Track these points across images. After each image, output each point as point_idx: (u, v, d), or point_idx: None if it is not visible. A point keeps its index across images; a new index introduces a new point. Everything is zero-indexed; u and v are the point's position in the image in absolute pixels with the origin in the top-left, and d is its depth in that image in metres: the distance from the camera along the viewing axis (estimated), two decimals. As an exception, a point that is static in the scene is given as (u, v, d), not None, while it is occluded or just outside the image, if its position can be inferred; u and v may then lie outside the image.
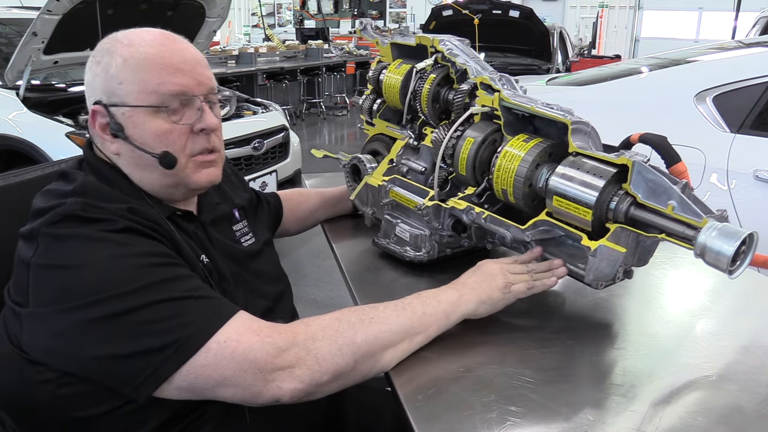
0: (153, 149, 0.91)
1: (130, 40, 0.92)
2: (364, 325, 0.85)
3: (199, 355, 0.77)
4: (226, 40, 11.95)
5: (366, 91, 1.38)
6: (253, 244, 1.13)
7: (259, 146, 3.70)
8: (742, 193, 2.23)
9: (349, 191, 1.35)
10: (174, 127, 0.92)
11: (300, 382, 0.79)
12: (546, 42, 7.46)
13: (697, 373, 0.88)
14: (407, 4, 17.02)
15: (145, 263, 0.81)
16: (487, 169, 1.08)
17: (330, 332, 0.83)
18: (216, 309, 0.82)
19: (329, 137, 8.37)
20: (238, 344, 0.78)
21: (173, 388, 0.78)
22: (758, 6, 8.25)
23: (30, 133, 3.26)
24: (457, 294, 0.95)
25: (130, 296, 0.77)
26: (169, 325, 0.78)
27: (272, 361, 0.78)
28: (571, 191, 0.93)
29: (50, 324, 0.79)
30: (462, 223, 1.11)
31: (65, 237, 0.81)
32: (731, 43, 3.58)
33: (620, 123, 1.20)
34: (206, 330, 0.78)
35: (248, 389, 0.79)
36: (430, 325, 0.91)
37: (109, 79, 0.91)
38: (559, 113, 0.99)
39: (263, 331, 0.81)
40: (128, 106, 0.91)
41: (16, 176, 1.14)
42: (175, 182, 0.95)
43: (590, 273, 0.93)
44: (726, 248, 0.79)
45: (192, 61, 0.94)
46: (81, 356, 0.79)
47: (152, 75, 0.90)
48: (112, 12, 3.29)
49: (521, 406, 0.78)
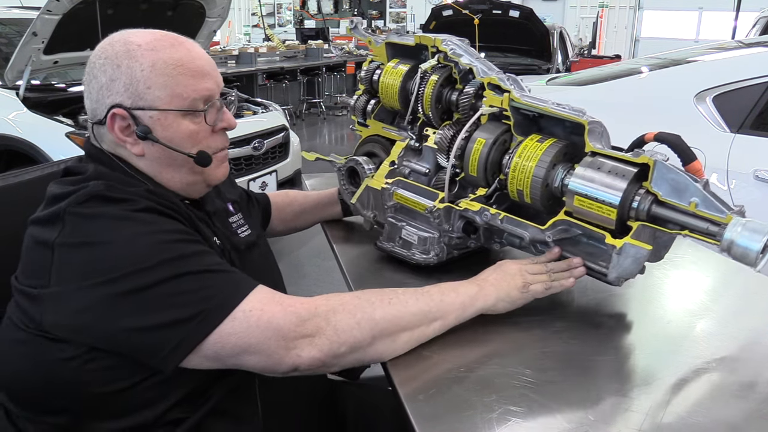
0: (184, 149, 0.96)
1: (151, 45, 0.94)
2: (383, 304, 0.88)
3: (225, 323, 0.81)
4: (226, 40, 11.94)
5: (358, 92, 1.36)
6: (249, 235, 1.14)
7: (259, 146, 3.70)
8: (742, 193, 2.23)
9: (345, 194, 1.32)
10: (201, 127, 0.97)
11: (319, 351, 0.82)
12: (546, 42, 7.46)
13: (697, 373, 0.88)
14: (407, 4, 17.03)
15: (168, 239, 0.85)
16: (498, 169, 1.08)
17: (350, 307, 0.86)
18: (238, 281, 0.85)
19: (329, 137, 8.37)
20: (262, 313, 0.82)
21: (200, 356, 0.81)
22: (758, 6, 8.24)
23: (30, 133, 3.26)
24: (476, 288, 0.96)
25: (154, 270, 0.81)
26: (195, 297, 0.81)
27: (294, 330, 0.82)
28: (594, 191, 0.94)
29: (78, 299, 0.82)
30: (472, 224, 1.11)
31: (92, 216, 0.84)
32: (731, 43, 3.58)
33: (620, 123, 1.20)
34: (231, 300, 0.82)
35: (271, 356, 0.82)
36: (448, 313, 0.93)
37: (135, 83, 0.92)
38: (574, 113, 1.00)
39: (285, 301, 0.85)
40: (158, 110, 0.93)
41: (16, 176, 1.14)
42: (201, 179, 1.00)
43: (614, 271, 0.94)
44: (754, 244, 0.83)
45: (212, 64, 0.99)
46: (109, 330, 0.81)
47: (183, 80, 0.94)
48: (112, 12, 3.29)
49: (522, 405, 0.78)
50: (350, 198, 1.29)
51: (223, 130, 1.01)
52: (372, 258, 1.25)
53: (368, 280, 1.18)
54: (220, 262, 0.88)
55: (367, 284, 1.16)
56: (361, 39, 1.37)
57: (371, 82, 1.30)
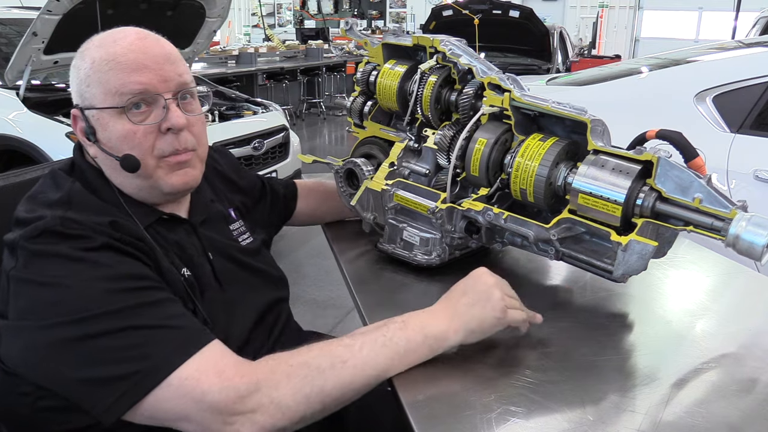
0: (119, 151, 0.90)
1: (101, 42, 0.91)
2: (335, 371, 0.80)
3: (161, 388, 0.76)
4: (226, 40, 11.94)
5: (354, 93, 1.34)
6: (251, 243, 1.12)
7: (259, 146, 3.70)
8: (742, 193, 2.23)
9: (343, 197, 1.31)
10: (138, 128, 0.90)
11: (261, 428, 0.77)
12: (546, 42, 7.46)
13: (697, 373, 0.88)
14: (407, 4, 17.02)
15: (119, 287, 0.80)
16: (500, 169, 1.08)
17: (296, 380, 0.78)
18: (184, 341, 0.80)
19: (329, 137, 8.37)
20: (198, 383, 0.76)
21: (138, 415, 0.78)
22: (758, 6, 8.24)
23: (30, 133, 3.26)
24: (445, 325, 0.87)
25: (98, 320, 0.77)
26: (133, 354, 0.77)
27: (232, 407, 0.76)
28: (599, 189, 0.94)
29: (22, 337, 0.80)
30: (475, 224, 1.11)
31: (42, 253, 0.81)
32: (731, 43, 3.58)
33: (620, 123, 1.20)
34: (169, 364, 0.77)
35: (208, 429, 0.77)
36: (410, 363, 0.84)
37: (80, 82, 0.91)
38: (576, 112, 1.00)
39: (225, 372, 0.78)
40: (95, 109, 0.90)
41: (16, 176, 1.14)
42: (149, 185, 0.93)
43: (620, 268, 0.94)
44: (759, 238, 0.83)
45: (157, 58, 0.91)
46: (51, 373, 0.79)
47: (114, 75, 0.88)
48: (112, 12, 3.29)
49: (521, 406, 0.78)
50: (349, 200, 1.28)
51: (169, 131, 0.91)
52: (372, 258, 1.24)
53: (368, 279, 1.18)
54: (173, 313, 0.83)
55: (366, 284, 1.16)
56: (357, 40, 1.36)
57: (368, 83, 1.29)
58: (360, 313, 1.05)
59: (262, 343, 1.05)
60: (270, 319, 1.09)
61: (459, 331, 0.87)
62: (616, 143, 0.99)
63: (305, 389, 0.78)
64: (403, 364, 0.84)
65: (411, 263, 1.17)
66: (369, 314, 1.02)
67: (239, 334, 0.99)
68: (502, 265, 1.23)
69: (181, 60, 0.96)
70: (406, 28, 15.42)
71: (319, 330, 1.29)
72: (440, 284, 1.13)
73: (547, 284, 1.19)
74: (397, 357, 0.83)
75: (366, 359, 0.82)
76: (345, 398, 0.82)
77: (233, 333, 0.97)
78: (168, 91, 0.91)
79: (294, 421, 0.79)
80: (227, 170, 1.22)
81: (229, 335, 0.92)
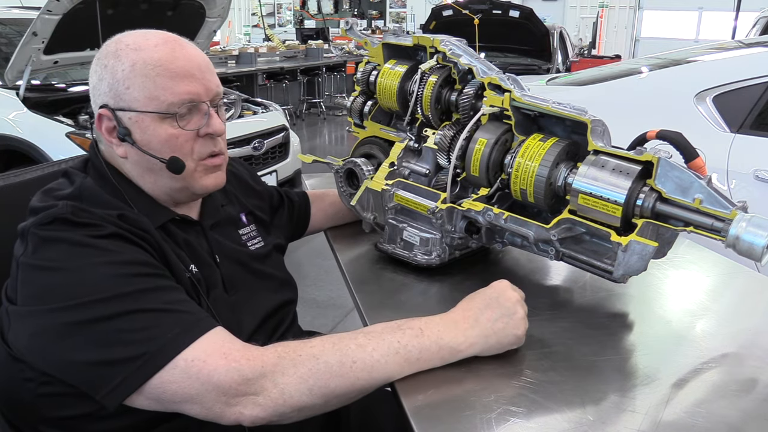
0: (160, 154, 0.93)
1: (137, 44, 0.92)
2: (343, 370, 0.79)
3: (166, 370, 0.77)
4: (226, 40, 11.94)
5: (354, 93, 1.34)
6: (261, 248, 1.13)
7: (259, 146, 3.70)
8: (742, 193, 2.23)
9: (343, 197, 1.31)
10: (181, 132, 0.93)
11: (263, 411, 0.78)
12: (546, 42, 7.46)
13: (697, 373, 0.88)
14: (407, 4, 17.02)
15: (126, 272, 0.81)
16: (500, 169, 1.08)
17: (302, 370, 0.78)
18: (190, 325, 0.81)
19: (329, 137, 8.37)
20: (204, 365, 0.77)
21: (142, 398, 0.78)
22: (758, 6, 8.25)
23: (30, 133, 3.27)
24: (462, 337, 0.85)
25: (106, 304, 0.78)
26: (140, 337, 0.78)
27: (236, 388, 0.77)
28: (599, 189, 0.94)
29: (30, 323, 0.81)
30: (475, 224, 1.11)
31: (52, 239, 0.82)
32: (731, 43, 3.58)
33: (620, 123, 1.20)
34: (176, 346, 0.78)
35: (211, 410, 0.78)
36: (419, 369, 0.84)
37: (116, 83, 0.91)
38: (576, 112, 1.00)
39: (232, 354, 0.79)
40: (135, 111, 0.91)
41: (16, 176, 1.14)
42: (183, 186, 0.97)
43: (620, 268, 0.94)
44: (759, 239, 0.83)
45: (201, 67, 0.94)
46: (56, 358, 0.80)
47: (160, 82, 0.90)
48: (112, 12, 3.29)
49: (521, 406, 0.78)
50: (349, 200, 1.28)
51: (209, 136, 0.96)
52: (372, 258, 1.24)
53: (368, 280, 1.18)
54: (178, 299, 0.84)
55: (367, 284, 1.16)
56: (357, 40, 1.36)
57: (368, 83, 1.29)
58: (360, 313, 1.05)
59: (263, 344, 1.04)
60: (273, 323, 1.09)
61: (475, 345, 0.86)
62: (617, 143, 0.99)
63: (310, 381, 0.78)
64: (412, 370, 0.84)
65: (411, 263, 1.17)
66: (369, 314, 1.02)
67: (241, 336, 1.00)
68: (502, 265, 1.23)
69: (215, 70, 0.99)
70: (406, 28, 15.40)
71: (319, 330, 1.29)
72: (440, 284, 1.14)
73: (547, 284, 1.19)
74: (407, 365, 0.83)
75: (376, 364, 0.81)
76: (348, 397, 0.82)
77: (235, 333, 0.97)
78: (208, 100, 0.95)
79: (295, 408, 0.79)
80: (245, 175, 1.24)
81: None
